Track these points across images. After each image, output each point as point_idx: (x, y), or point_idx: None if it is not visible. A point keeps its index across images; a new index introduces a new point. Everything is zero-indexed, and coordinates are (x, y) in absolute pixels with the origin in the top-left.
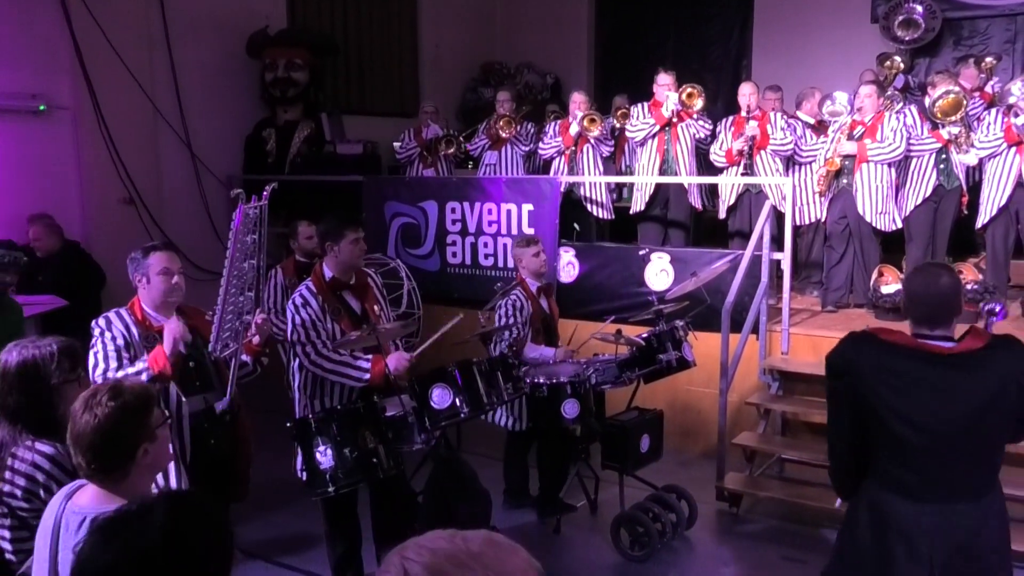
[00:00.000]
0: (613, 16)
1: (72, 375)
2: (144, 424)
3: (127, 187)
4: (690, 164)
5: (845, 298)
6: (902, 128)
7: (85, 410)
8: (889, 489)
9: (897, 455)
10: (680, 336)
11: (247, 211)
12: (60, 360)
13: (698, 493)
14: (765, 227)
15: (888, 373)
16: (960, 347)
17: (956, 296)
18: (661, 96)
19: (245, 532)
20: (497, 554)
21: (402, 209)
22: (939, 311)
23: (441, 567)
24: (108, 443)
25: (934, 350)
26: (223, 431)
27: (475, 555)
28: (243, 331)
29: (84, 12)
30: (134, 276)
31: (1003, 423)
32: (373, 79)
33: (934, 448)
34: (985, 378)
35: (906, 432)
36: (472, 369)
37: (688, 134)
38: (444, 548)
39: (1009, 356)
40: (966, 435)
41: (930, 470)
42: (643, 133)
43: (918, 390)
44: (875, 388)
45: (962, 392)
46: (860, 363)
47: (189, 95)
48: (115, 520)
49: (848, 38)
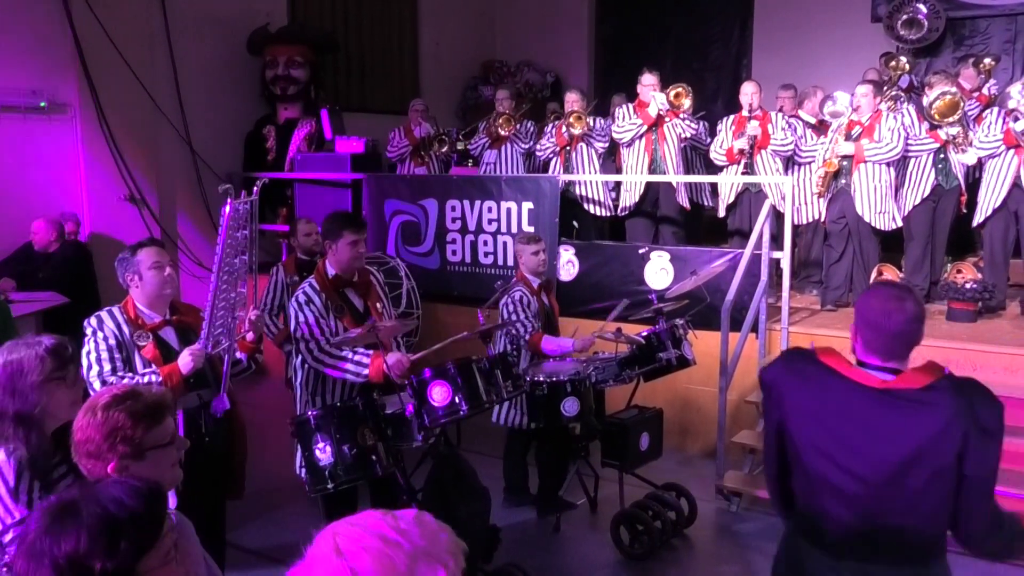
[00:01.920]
0: (613, 14)
1: (57, 374)
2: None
3: (128, 184)
4: (677, 163)
5: (844, 297)
6: (900, 128)
7: (90, 414)
8: (805, 536)
9: (815, 497)
10: (680, 334)
11: (237, 206)
12: (45, 359)
13: (698, 491)
14: (765, 226)
15: (816, 399)
16: (897, 382)
17: (919, 326)
18: (646, 96)
19: (246, 531)
20: (424, 532)
21: (402, 207)
22: (896, 343)
23: (369, 542)
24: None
25: (869, 381)
26: (217, 427)
27: (403, 531)
28: (235, 327)
29: (85, 10)
30: (124, 276)
31: (938, 481)
32: (373, 76)
33: (855, 495)
34: (919, 422)
35: (826, 470)
36: (471, 367)
37: (674, 134)
38: (374, 524)
39: (959, 403)
40: (891, 485)
41: (850, 521)
42: (630, 134)
43: (844, 425)
44: (796, 416)
45: (889, 434)
46: (786, 384)
47: (190, 92)
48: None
49: (848, 37)
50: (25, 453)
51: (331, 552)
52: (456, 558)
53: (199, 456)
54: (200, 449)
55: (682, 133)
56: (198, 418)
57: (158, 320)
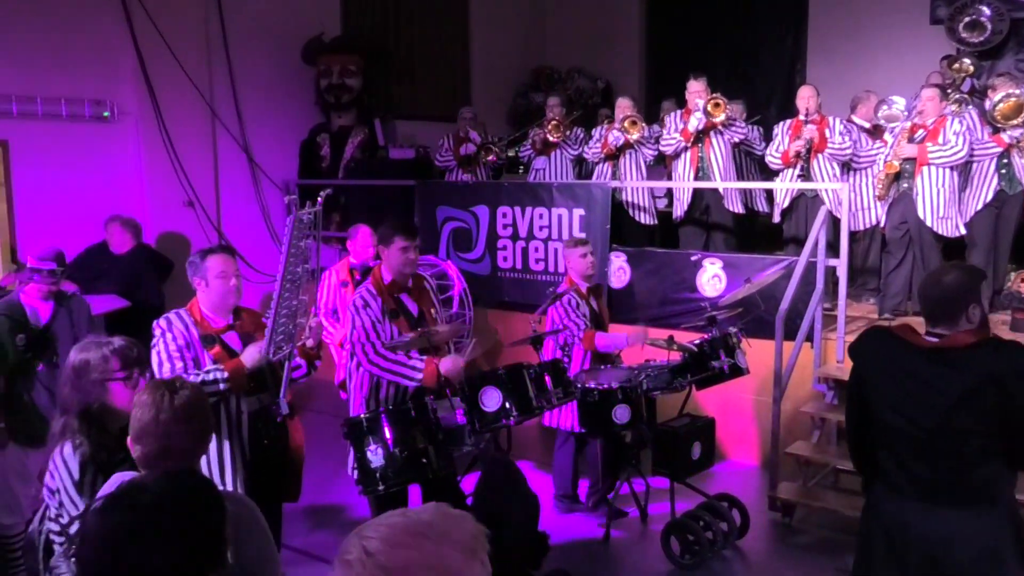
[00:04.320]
0: (664, 20)
1: (119, 374)
2: (206, 423)
3: (187, 191)
4: (726, 168)
5: (903, 305)
6: (964, 131)
7: (152, 405)
8: (882, 483)
9: (887, 446)
10: (733, 343)
11: (301, 216)
12: (110, 358)
13: (750, 502)
14: (820, 233)
15: (887, 362)
16: (943, 342)
17: (955, 295)
18: (693, 104)
19: (297, 530)
20: (446, 521)
21: (453, 213)
22: (936, 308)
23: (398, 538)
24: (173, 438)
25: (921, 344)
26: (277, 432)
27: (427, 523)
28: (296, 333)
29: (146, 21)
30: (193, 279)
31: (981, 426)
32: (424, 84)
33: (917, 442)
34: (960, 375)
35: (895, 421)
36: (522, 373)
37: (722, 141)
38: (399, 522)
39: (994, 357)
40: (943, 433)
41: (914, 465)
42: (672, 147)
43: (908, 382)
44: (873, 377)
45: (938, 387)
46: (867, 351)
47: (247, 101)
48: (114, 494)
49: (906, 40)
50: (89, 448)
51: (361, 555)
52: (479, 541)
53: (259, 459)
54: (260, 452)
55: (731, 139)
56: (259, 422)
57: (223, 324)
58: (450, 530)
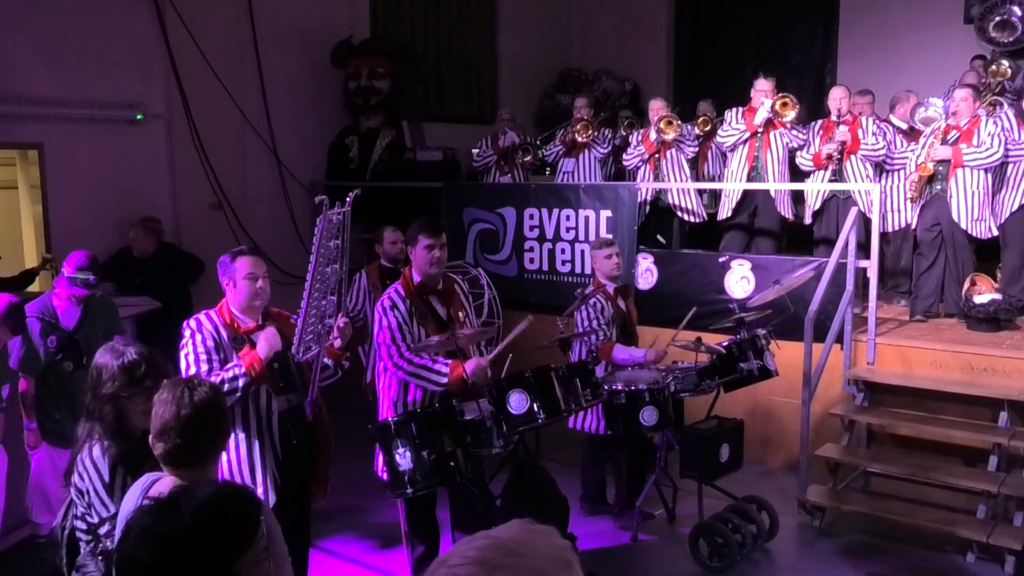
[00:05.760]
0: (692, 21)
1: (124, 392)
2: (225, 420)
3: (216, 192)
4: (781, 173)
5: (935, 307)
6: (1000, 132)
7: (172, 403)
8: None
9: None
10: (762, 345)
11: (330, 217)
12: (117, 375)
13: (779, 505)
14: (851, 234)
15: None
16: None
17: None
18: (757, 102)
19: (325, 531)
20: (535, 538)
21: (480, 215)
22: None
23: (491, 559)
24: (193, 435)
25: None
26: (305, 432)
27: (518, 540)
28: (325, 334)
29: (179, 24)
30: (222, 280)
31: None
32: (452, 87)
33: None
34: None
35: None
36: (550, 375)
37: (780, 143)
38: (487, 544)
39: None
40: None
41: None
42: (733, 139)
43: None
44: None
45: None
46: None
47: (276, 103)
48: (148, 508)
49: (938, 40)
50: (117, 451)
51: None
52: (570, 552)
53: (288, 459)
54: (289, 452)
55: (789, 143)
56: (288, 422)
57: (252, 325)
58: (541, 544)
